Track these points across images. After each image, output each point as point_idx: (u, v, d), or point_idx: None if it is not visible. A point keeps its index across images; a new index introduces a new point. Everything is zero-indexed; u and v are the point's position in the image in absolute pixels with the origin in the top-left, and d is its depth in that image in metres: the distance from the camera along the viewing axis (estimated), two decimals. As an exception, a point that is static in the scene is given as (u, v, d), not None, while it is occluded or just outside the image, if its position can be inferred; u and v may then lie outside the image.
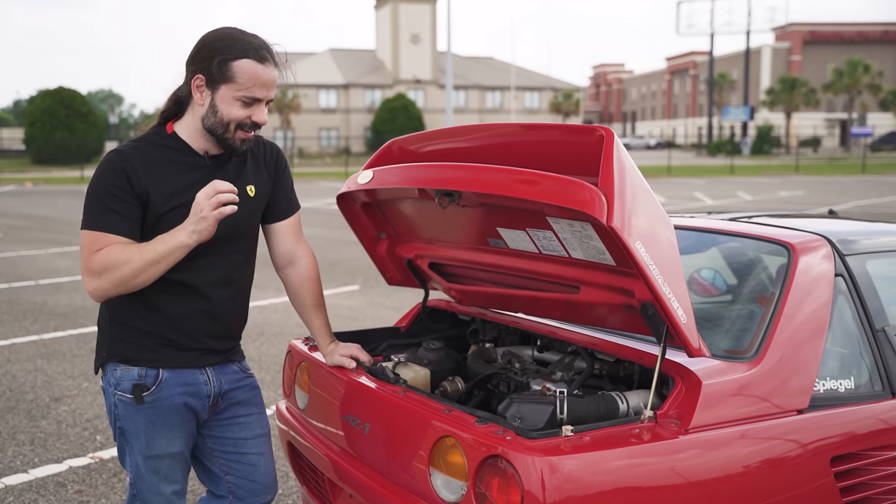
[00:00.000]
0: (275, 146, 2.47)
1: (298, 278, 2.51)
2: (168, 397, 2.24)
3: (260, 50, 2.17)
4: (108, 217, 2.11)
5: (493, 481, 1.94)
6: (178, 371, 2.25)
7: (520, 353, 2.91)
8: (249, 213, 2.34)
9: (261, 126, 2.23)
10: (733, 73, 79.46)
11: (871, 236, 2.80)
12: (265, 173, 2.39)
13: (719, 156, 57.81)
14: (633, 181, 1.99)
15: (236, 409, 2.39)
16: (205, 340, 2.28)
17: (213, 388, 2.31)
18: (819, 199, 22.98)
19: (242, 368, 2.43)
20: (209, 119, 2.19)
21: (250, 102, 2.17)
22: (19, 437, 4.63)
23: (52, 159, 44.31)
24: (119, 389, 2.24)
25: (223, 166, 2.28)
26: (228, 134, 2.19)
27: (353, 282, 9.59)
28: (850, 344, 2.47)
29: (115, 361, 2.25)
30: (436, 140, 2.61)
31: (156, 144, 2.22)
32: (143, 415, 2.23)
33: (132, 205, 2.13)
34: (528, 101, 73.80)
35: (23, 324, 7.54)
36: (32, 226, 16.55)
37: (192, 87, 2.19)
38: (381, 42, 70.25)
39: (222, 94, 2.16)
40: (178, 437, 2.28)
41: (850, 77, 62.06)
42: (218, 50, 2.15)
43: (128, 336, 2.24)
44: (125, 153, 2.17)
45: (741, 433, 2.13)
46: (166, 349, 2.23)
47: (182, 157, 2.22)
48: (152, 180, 2.15)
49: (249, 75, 2.14)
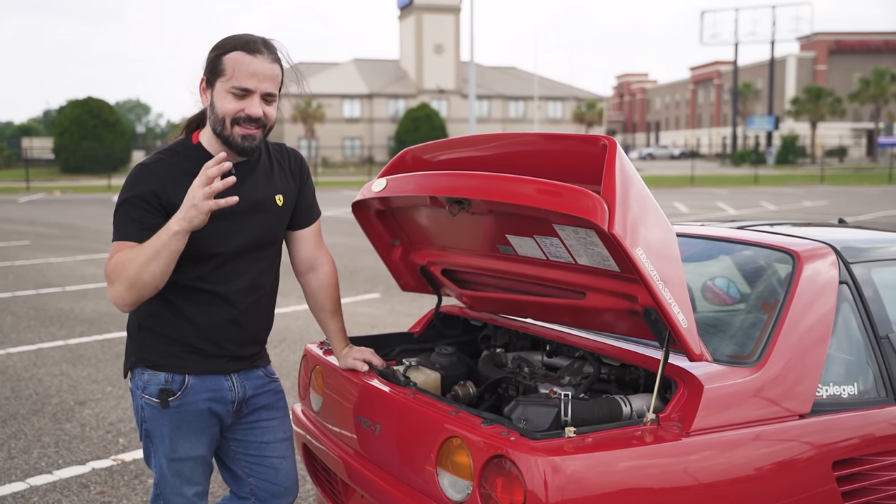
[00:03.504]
0: (298, 154, 2.50)
1: (318, 284, 2.56)
2: (193, 402, 2.28)
3: (250, 43, 2.16)
4: (129, 227, 2.15)
5: (498, 481, 1.99)
6: (204, 377, 2.29)
7: (529, 357, 2.96)
8: (277, 222, 2.37)
9: (260, 122, 2.19)
10: (758, 83, 79.02)
11: (877, 245, 2.83)
12: (292, 182, 2.42)
13: (743, 166, 57.48)
14: (636, 189, 2.05)
15: (260, 414, 2.43)
16: (230, 347, 2.32)
17: (237, 393, 2.35)
18: (844, 209, 22.79)
19: (267, 373, 2.47)
20: (211, 119, 2.21)
21: (241, 94, 2.15)
22: (44, 439, 4.74)
23: (80, 168, 44.96)
24: (146, 393, 2.29)
25: (249, 174, 2.30)
26: (227, 131, 2.18)
27: (374, 290, 9.67)
28: (854, 350, 2.50)
29: (142, 366, 2.30)
30: (447, 149, 2.67)
31: (180, 156, 2.25)
32: (168, 419, 2.28)
33: (153, 215, 2.15)
34: (552, 110, 73.80)
35: (49, 329, 7.68)
36: (60, 234, 16.82)
37: (199, 92, 2.24)
38: (404, 52, 70.60)
39: (217, 90, 2.18)
40: (202, 442, 2.32)
41: (877, 86, 61.53)
42: (214, 49, 2.20)
43: (155, 343, 2.28)
44: (150, 167, 2.21)
45: (743, 436, 2.17)
46: (192, 356, 2.28)
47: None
48: (178, 193, 2.14)
49: (237, 65, 2.14)
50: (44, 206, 25.00)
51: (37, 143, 61.88)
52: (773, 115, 66.37)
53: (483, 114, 68.60)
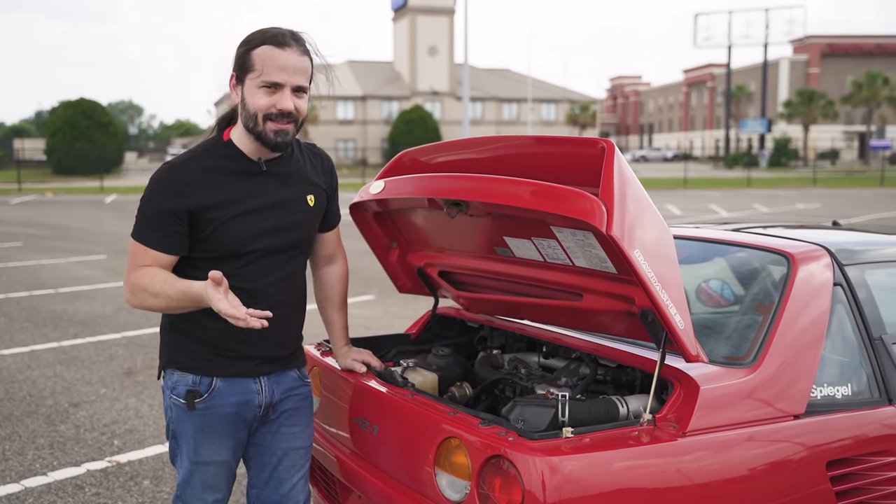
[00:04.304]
0: (329, 158, 2.49)
1: (332, 277, 2.58)
2: (219, 406, 2.26)
3: (279, 36, 2.15)
4: (151, 234, 2.16)
5: (496, 481, 2.01)
6: (232, 380, 2.27)
7: (526, 359, 2.97)
8: (309, 223, 2.36)
9: (291, 115, 2.17)
10: (751, 86, 79.27)
11: (871, 247, 2.85)
12: (323, 184, 2.42)
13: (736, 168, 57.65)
14: (633, 192, 2.06)
15: (284, 419, 2.39)
16: (263, 346, 2.29)
17: (264, 397, 2.31)
18: (836, 211, 22.89)
19: (301, 375, 2.44)
20: (243, 116, 2.19)
21: (272, 89, 2.14)
22: (39, 440, 4.74)
23: (72, 169, 44.84)
24: (174, 394, 2.28)
25: (282, 172, 2.29)
26: (259, 127, 2.16)
27: (368, 291, 9.68)
28: (848, 352, 2.52)
29: (172, 367, 2.30)
30: (445, 151, 2.69)
31: (211, 154, 2.24)
32: (194, 421, 2.26)
33: (175, 223, 2.15)
34: (545, 112, 73.91)
35: (42, 331, 7.67)
36: (53, 235, 16.78)
37: (230, 89, 2.24)
38: (398, 54, 70.63)
39: (248, 86, 2.16)
40: (226, 446, 2.29)
41: (869, 89, 61.77)
42: (242, 45, 2.19)
43: (185, 343, 2.28)
44: (177, 169, 2.19)
45: (738, 437, 2.18)
46: (221, 358, 2.26)
47: (237, 164, 2.23)
48: (207, 192, 2.16)
49: (266, 60, 2.12)
50: (36, 208, 24.93)
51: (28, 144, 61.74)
52: (765, 118, 66.64)
53: (477, 116, 68.66)
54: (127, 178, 45.34)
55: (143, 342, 7.26)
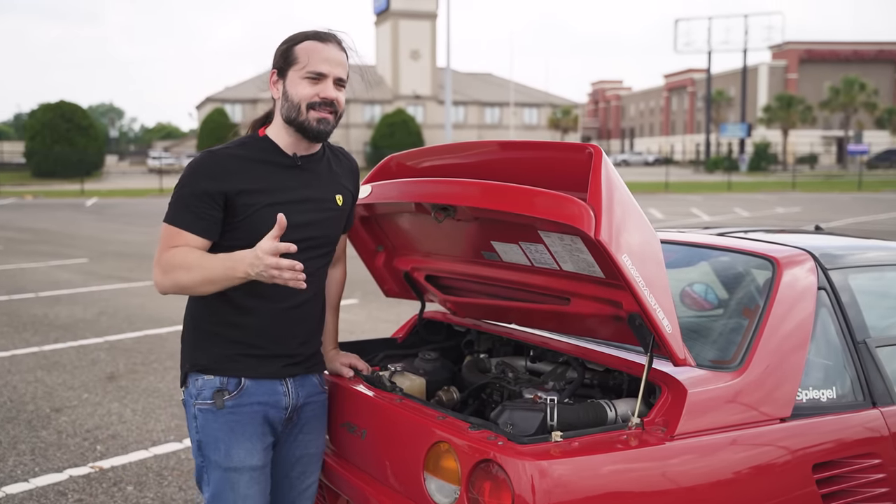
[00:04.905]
0: (354, 160, 2.54)
1: (333, 278, 2.61)
2: (248, 405, 2.23)
3: (321, 32, 2.28)
4: (186, 215, 2.17)
5: (485, 485, 2.01)
6: (260, 381, 2.25)
7: (513, 363, 2.98)
8: (336, 222, 2.39)
9: (333, 105, 2.25)
10: (731, 91, 79.89)
11: (854, 251, 2.88)
12: (350, 185, 2.46)
13: (717, 172, 58.05)
14: (621, 197, 2.07)
15: (302, 426, 2.38)
16: (289, 344, 2.29)
17: (291, 399, 2.31)
18: (815, 215, 23.09)
19: (320, 382, 2.45)
20: (285, 108, 2.26)
21: (316, 79, 2.23)
22: (20, 446, 4.69)
23: (52, 173, 44.46)
24: (200, 399, 2.24)
25: (314, 168, 2.34)
26: (302, 116, 2.23)
27: (352, 295, 9.66)
28: (833, 355, 2.55)
29: (196, 371, 2.27)
30: (432, 156, 2.69)
31: (248, 146, 2.29)
32: (223, 421, 2.22)
33: (211, 206, 2.17)
34: (527, 116, 74.12)
35: (23, 335, 7.60)
36: (32, 238, 16.62)
37: (270, 86, 2.31)
38: (380, 58, 70.59)
39: (291, 78, 2.25)
40: (257, 450, 2.24)
41: (847, 95, 62.46)
42: (284, 43, 2.29)
43: (210, 345, 2.26)
44: (216, 154, 2.24)
45: (725, 440, 2.20)
46: (248, 359, 2.25)
47: (273, 157, 2.28)
48: (242, 180, 2.20)
49: (310, 52, 2.23)
50: (15, 211, 24.69)
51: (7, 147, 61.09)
52: (745, 123, 67.11)
53: (459, 119, 68.74)
54: (107, 181, 45.02)
55: (125, 346, 7.21)
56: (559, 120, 70.49)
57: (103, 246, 15.32)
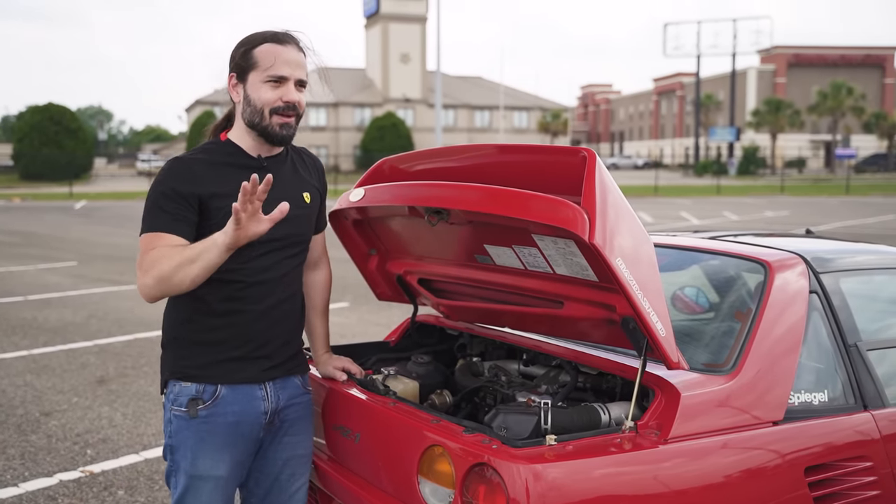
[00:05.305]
0: (319, 160, 2.54)
1: (316, 282, 2.60)
2: (222, 414, 2.24)
3: (279, 34, 2.25)
4: (161, 218, 2.17)
5: (480, 489, 2.01)
6: (237, 387, 2.25)
7: (506, 366, 2.98)
8: (305, 220, 2.39)
9: (295, 108, 2.25)
10: (719, 95, 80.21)
11: (844, 255, 2.90)
12: (316, 184, 2.46)
13: (706, 176, 58.29)
14: (615, 200, 2.08)
15: (287, 429, 2.38)
16: (268, 346, 2.29)
17: (270, 403, 2.30)
18: (804, 219, 23.20)
19: (304, 383, 2.43)
20: (247, 112, 2.25)
21: (278, 82, 2.22)
22: (9, 451, 4.66)
23: (40, 175, 44.27)
24: (175, 404, 2.25)
25: (280, 169, 2.33)
26: (265, 121, 2.23)
27: (343, 299, 9.65)
28: (824, 358, 2.56)
29: (175, 378, 2.27)
30: (425, 160, 2.69)
31: (212, 151, 2.30)
32: (194, 430, 2.23)
33: (185, 207, 2.17)
34: (517, 120, 74.20)
35: (12, 339, 7.55)
36: (21, 241, 16.54)
37: (229, 90, 2.29)
38: (370, 61, 70.58)
39: (251, 82, 2.23)
40: (224, 460, 2.25)
41: (834, 99, 62.79)
42: (241, 45, 2.27)
43: (189, 352, 2.26)
44: (183, 160, 2.26)
45: (719, 443, 2.21)
46: (228, 363, 2.24)
47: (238, 159, 2.28)
48: (212, 184, 2.21)
49: (270, 55, 2.22)
50: (3, 214, 24.55)
51: (-5, 149, 60.80)
52: (734, 127, 67.48)
53: (449, 123, 68.73)
54: (96, 184, 44.83)
55: (115, 350, 7.18)
56: (549, 123, 70.60)
57: (92, 249, 15.25)
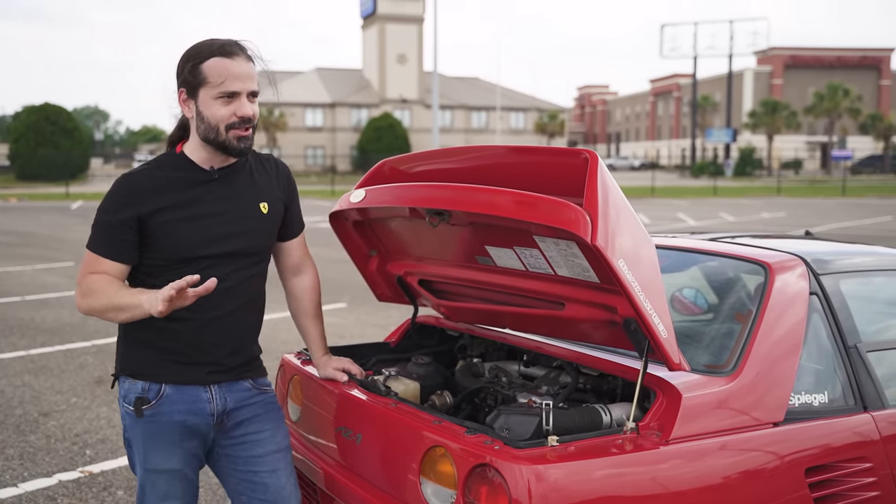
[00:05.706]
0: (285, 166, 2.51)
1: (302, 286, 2.59)
2: (167, 413, 2.27)
3: (225, 46, 2.20)
4: (104, 243, 2.22)
5: (482, 489, 2.01)
6: (181, 388, 2.27)
7: (507, 367, 2.99)
8: (262, 231, 2.36)
9: (251, 121, 2.22)
10: (716, 96, 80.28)
11: (844, 257, 2.91)
12: (279, 192, 2.42)
13: (702, 177, 58.34)
14: (617, 202, 2.09)
15: (247, 427, 2.38)
16: (214, 354, 2.29)
17: (216, 406, 2.31)
18: (800, 220, 23.24)
19: (256, 385, 2.42)
20: (200, 128, 2.23)
21: (230, 98, 2.19)
22: (8, 451, 4.66)
23: (36, 175, 44.22)
24: (125, 402, 2.30)
25: (233, 179, 2.31)
26: (221, 137, 2.21)
27: (340, 299, 9.64)
28: (824, 360, 2.57)
29: (125, 375, 2.32)
30: (426, 161, 2.70)
31: (163, 166, 2.29)
32: (142, 428, 2.28)
33: (126, 233, 2.20)
34: (514, 121, 74.22)
35: (9, 339, 7.55)
36: (18, 242, 16.51)
37: (180, 104, 2.27)
38: (367, 61, 70.55)
39: (202, 98, 2.20)
40: (175, 455, 2.28)
41: (831, 101, 62.86)
42: (188, 59, 2.22)
43: (137, 351, 2.30)
44: (132, 176, 2.26)
45: (719, 444, 2.22)
46: (172, 364, 2.27)
47: (188, 172, 2.27)
48: (157, 200, 2.21)
49: (219, 71, 2.17)
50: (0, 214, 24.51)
51: (-9, 149, 60.70)
52: (731, 128, 67.56)
53: (446, 124, 68.74)
54: (93, 184, 44.74)
55: (112, 350, 7.16)
56: (546, 124, 70.61)
57: (89, 249, 15.21)
